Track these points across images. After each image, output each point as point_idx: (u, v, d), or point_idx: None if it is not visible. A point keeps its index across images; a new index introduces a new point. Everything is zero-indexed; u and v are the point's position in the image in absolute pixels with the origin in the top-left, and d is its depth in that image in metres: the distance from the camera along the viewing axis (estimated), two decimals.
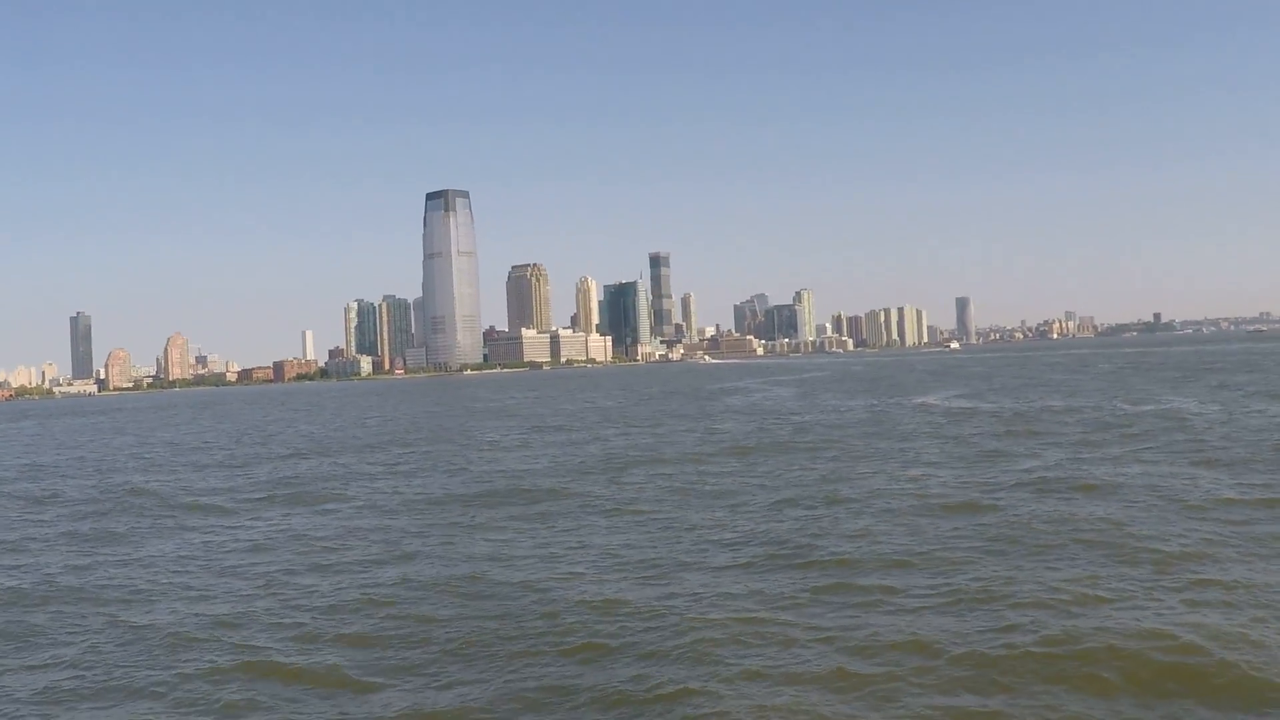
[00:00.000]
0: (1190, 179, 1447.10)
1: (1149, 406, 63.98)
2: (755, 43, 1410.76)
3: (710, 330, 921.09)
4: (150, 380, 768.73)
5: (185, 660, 18.35)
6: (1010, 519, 27.15)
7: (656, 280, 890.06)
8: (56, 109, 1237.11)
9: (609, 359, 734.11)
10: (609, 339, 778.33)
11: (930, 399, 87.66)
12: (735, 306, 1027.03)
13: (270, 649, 18.71)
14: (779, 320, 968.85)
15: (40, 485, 52.53)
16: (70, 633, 20.83)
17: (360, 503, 38.19)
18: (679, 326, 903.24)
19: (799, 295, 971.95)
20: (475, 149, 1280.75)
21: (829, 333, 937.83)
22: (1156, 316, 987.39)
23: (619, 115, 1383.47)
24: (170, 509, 39.37)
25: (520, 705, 15.34)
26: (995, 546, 23.93)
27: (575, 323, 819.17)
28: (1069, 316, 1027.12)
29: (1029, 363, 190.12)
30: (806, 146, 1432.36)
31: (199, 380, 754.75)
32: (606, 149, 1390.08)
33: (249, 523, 34.91)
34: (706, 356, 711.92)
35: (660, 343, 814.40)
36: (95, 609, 22.67)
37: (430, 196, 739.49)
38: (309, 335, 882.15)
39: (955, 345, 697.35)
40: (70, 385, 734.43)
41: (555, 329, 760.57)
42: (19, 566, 28.50)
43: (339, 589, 23.17)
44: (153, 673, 17.80)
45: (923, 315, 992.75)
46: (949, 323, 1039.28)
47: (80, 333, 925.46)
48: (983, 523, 26.95)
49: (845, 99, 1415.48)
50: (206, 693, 16.64)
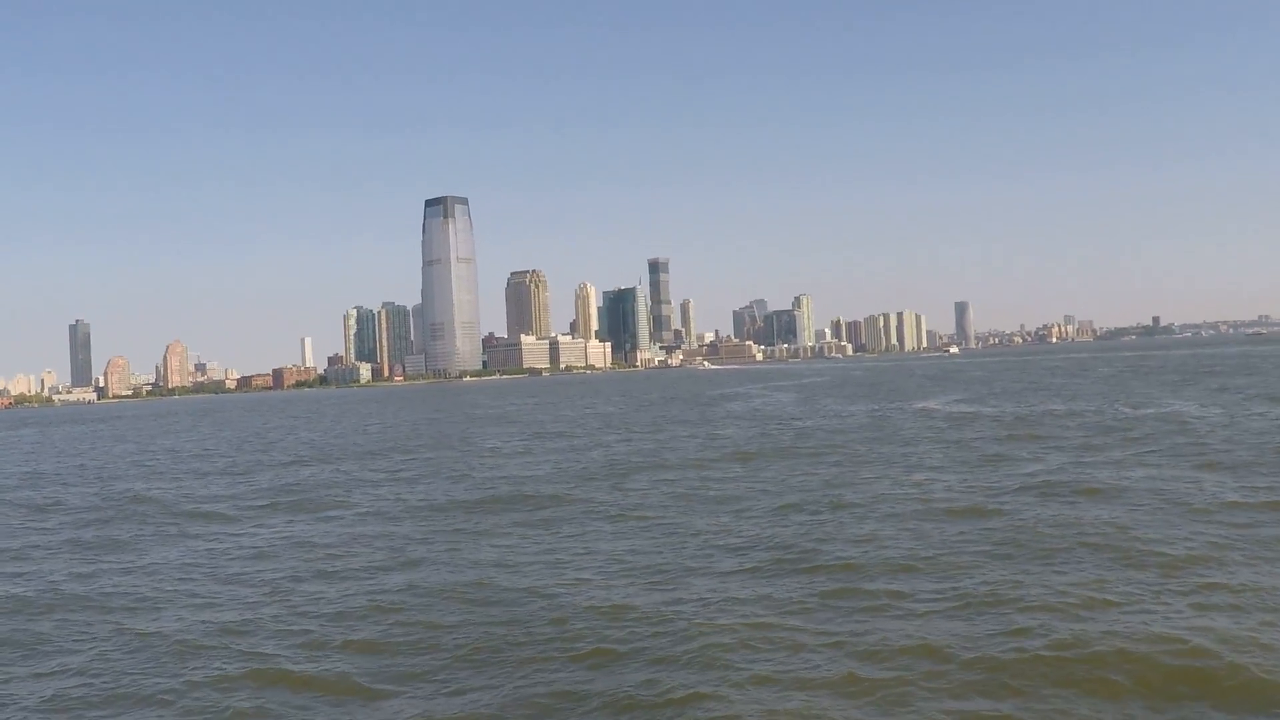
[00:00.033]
0: (1189, 180, 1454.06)
1: (1150, 410, 63.99)
2: (752, 46, 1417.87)
3: (709, 336, 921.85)
4: (149, 388, 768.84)
5: (193, 668, 18.31)
6: (1015, 523, 27.12)
7: (655, 286, 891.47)
8: (55, 115, 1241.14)
9: (608, 365, 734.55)
10: (608, 345, 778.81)
11: (931, 404, 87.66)
12: (734, 312, 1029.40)
13: (279, 656, 18.68)
14: (778, 326, 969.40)
15: (42, 493, 52.45)
16: (77, 640, 20.78)
17: (364, 509, 38.13)
18: (678, 332, 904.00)
19: (798, 300, 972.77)
20: (474, 155, 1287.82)
21: (828, 338, 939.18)
22: (1155, 320, 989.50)
23: (617, 120, 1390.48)
24: (173, 516, 39.31)
25: (532, 711, 15.32)
26: (1001, 550, 23.91)
27: (574, 329, 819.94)
28: (1068, 320, 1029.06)
29: (1029, 367, 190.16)
30: (805, 149, 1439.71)
31: (198, 388, 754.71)
32: (605, 154, 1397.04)
33: (253, 530, 34.86)
34: (705, 362, 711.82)
35: (659, 348, 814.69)
36: (101, 616, 22.63)
37: (429, 203, 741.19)
38: (308, 342, 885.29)
39: (954, 350, 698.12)
40: (69, 393, 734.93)
41: (554, 335, 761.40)
42: (23, 574, 28.43)
43: (346, 596, 23.15)
44: (161, 680, 17.76)
45: (921, 320, 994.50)
46: (948, 327, 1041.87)
47: (79, 340, 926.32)
48: (988, 527, 26.94)
49: (843, 101, 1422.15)
50: (216, 700, 16.59)
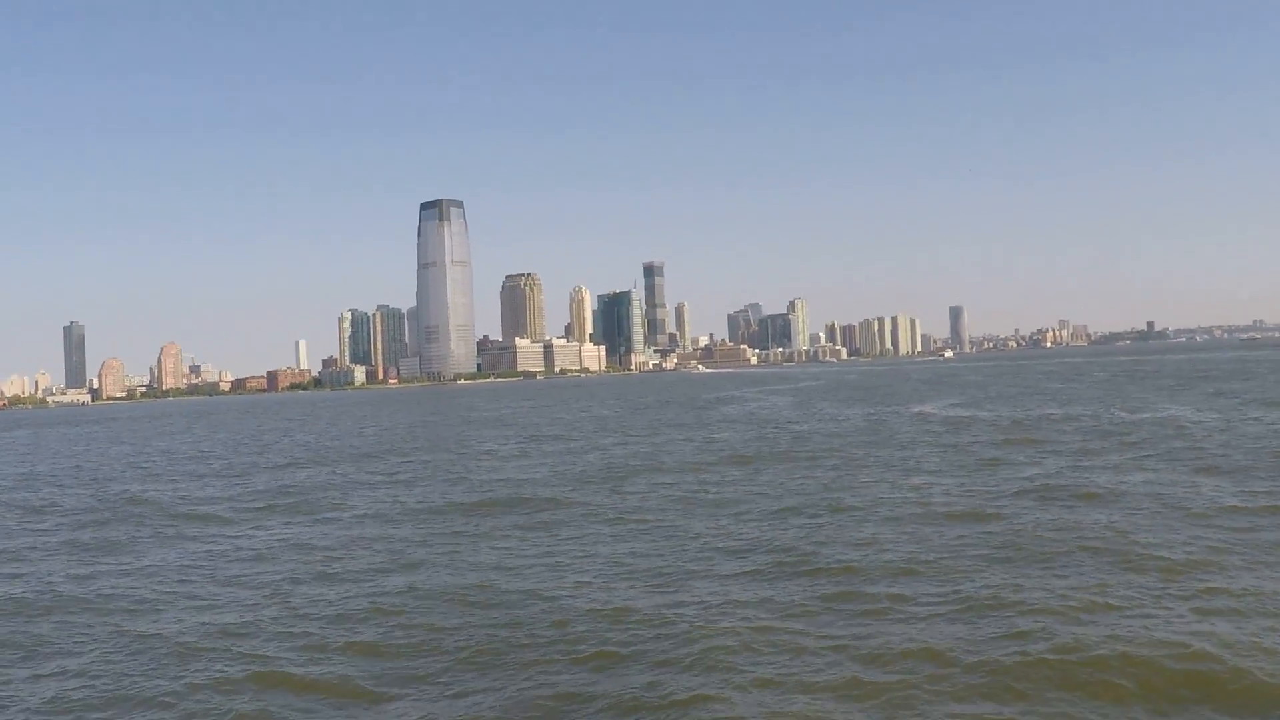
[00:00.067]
0: (1184, 183, 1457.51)
1: (1146, 414, 64.15)
2: (748, 49, 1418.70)
3: (704, 339, 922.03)
4: (144, 390, 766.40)
5: (194, 670, 18.25)
6: (1015, 527, 27.17)
7: (650, 289, 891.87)
8: (50, 116, 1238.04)
9: (603, 368, 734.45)
10: (603, 348, 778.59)
11: (927, 407, 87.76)
12: (729, 316, 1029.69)
13: (280, 658, 18.63)
14: (773, 329, 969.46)
15: (38, 494, 52.29)
16: (76, 642, 20.71)
17: (361, 511, 38.06)
18: (673, 336, 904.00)
19: (793, 304, 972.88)
20: (469, 158, 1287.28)
21: (823, 342, 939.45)
22: (1150, 325, 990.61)
23: (612, 123, 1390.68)
24: (170, 518, 39.21)
25: (536, 713, 15.30)
26: (1001, 554, 23.94)
27: (569, 332, 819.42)
28: (1063, 325, 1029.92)
29: (1024, 371, 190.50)
30: (799, 153, 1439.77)
31: (192, 390, 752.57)
32: (600, 157, 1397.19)
33: (251, 532, 34.78)
34: (700, 366, 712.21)
35: (654, 352, 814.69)
36: (100, 618, 22.56)
37: (425, 206, 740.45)
38: (302, 345, 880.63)
39: (949, 354, 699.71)
40: (64, 395, 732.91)
41: (549, 338, 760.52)
42: (20, 576, 28.33)
43: (346, 598, 23.10)
44: (162, 682, 17.70)
45: (916, 324, 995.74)
46: (942, 331, 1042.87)
47: (74, 342, 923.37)
48: (988, 531, 26.97)
49: (837, 105, 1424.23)
50: (218, 703, 16.54)
